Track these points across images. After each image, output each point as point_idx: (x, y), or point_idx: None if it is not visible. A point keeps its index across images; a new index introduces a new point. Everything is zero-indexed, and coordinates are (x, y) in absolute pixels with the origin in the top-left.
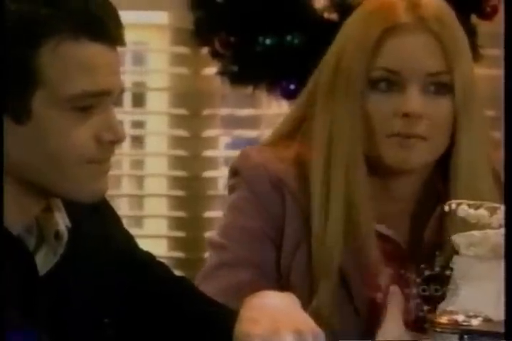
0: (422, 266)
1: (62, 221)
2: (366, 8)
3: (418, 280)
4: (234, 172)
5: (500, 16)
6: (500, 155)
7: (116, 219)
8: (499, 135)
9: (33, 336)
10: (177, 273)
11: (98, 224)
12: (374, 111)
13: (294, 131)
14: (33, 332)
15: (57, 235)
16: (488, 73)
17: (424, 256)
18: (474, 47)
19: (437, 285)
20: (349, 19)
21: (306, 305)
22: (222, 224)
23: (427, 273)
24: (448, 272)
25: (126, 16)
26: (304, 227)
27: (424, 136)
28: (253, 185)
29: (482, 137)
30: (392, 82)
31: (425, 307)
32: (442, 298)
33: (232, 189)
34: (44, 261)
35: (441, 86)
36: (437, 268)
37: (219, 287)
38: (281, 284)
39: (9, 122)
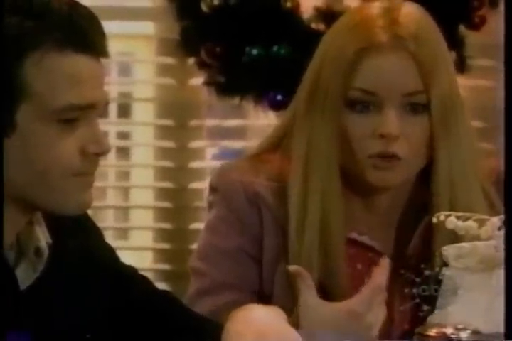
0: (422, 265)
1: (42, 236)
2: (344, 23)
3: (418, 280)
4: (211, 190)
5: (489, 27)
6: (494, 162)
7: (97, 233)
8: (488, 146)
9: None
10: (163, 286)
11: (79, 238)
12: (351, 131)
13: (279, 143)
14: (27, 334)
15: (38, 251)
16: (476, 84)
17: (411, 268)
18: (462, 58)
19: (437, 285)
20: (328, 33)
21: (292, 319)
22: (199, 246)
23: (427, 273)
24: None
25: (112, 26)
26: (282, 240)
27: (402, 157)
28: (229, 201)
29: (465, 152)
30: (368, 102)
31: (425, 308)
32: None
33: (210, 206)
34: (23, 276)
35: (418, 105)
36: (437, 268)
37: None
38: (265, 299)
39: None
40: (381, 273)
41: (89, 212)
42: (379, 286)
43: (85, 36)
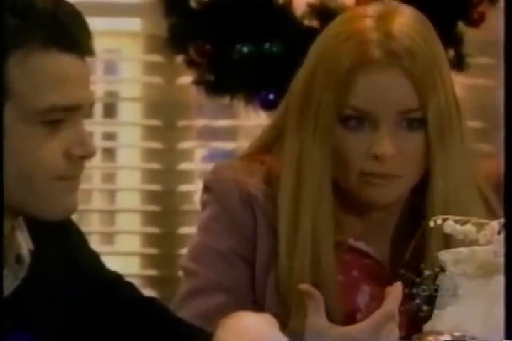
0: (422, 265)
1: (24, 242)
2: (336, 33)
3: (418, 280)
4: (205, 188)
5: (488, 23)
6: (493, 165)
7: (81, 239)
8: (487, 147)
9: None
10: (150, 292)
11: (62, 244)
12: (344, 148)
13: (272, 143)
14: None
15: (19, 258)
16: (475, 83)
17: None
18: (460, 56)
19: (437, 285)
20: (320, 41)
21: (283, 325)
22: (192, 246)
23: (426, 273)
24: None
25: (97, 23)
26: (276, 243)
27: (397, 175)
28: (223, 200)
29: (462, 161)
30: (363, 120)
31: (425, 308)
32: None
33: (203, 205)
34: (4, 284)
35: (414, 121)
36: (437, 269)
37: (191, 315)
38: (257, 304)
39: None
40: (393, 300)
41: (73, 216)
42: (391, 313)
43: (70, 35)
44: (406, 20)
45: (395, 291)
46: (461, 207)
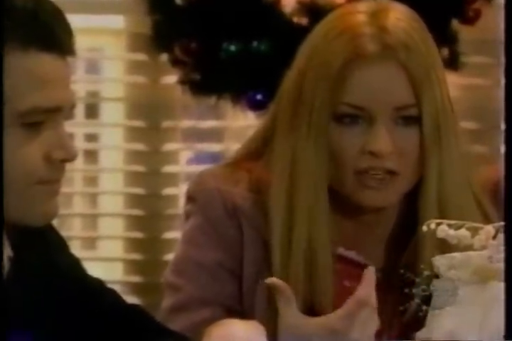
0: (422, 266)
1: (3, 250)
2: (328, 29)
3: (418, 280)
4: (188, 199)
5: (484, 21)
6: (489, 171)
7: (61, 244)
8: (482, 149)
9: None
10: (134, 299)
11: (42, 250)
12: (339, 146)
13: (260, 150)
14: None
15: None
16: (470, 82)
17: (402, 282)
18: (455, 55)
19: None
20: (311, 38)
21: (271, 334)
22: (175, 258)
23: (426, 273)
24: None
25: (78, 20)
26: (264, 253)
27: (394, 171)
28: (207, 211)
29: (457, 163)
30: (357, 117)
31: (424, 308)
32: None
33: (187, 216)
34: None
35: (410, 117)
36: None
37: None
38: (245, 316)
39: None
40: (366, 286)
41: (54, 220)
42: (363, 300)
43: (51, 34)
44: (400, 15)
45: (368, 276)
46: (455, 211)
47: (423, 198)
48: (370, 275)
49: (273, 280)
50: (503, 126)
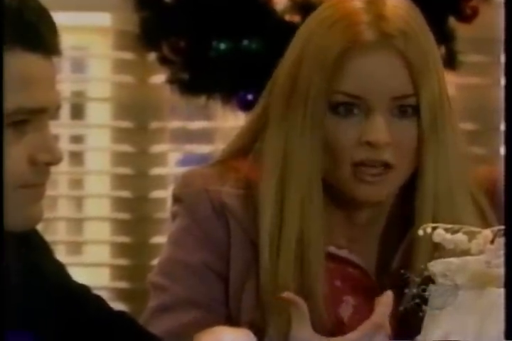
0: (422, 266)
1: None
2: (324, 17)
3: (417, 280)
4: (174, 199)
5: (482, 19)
6: (486, 171)
7: (45, 249)
8: (480, 151)
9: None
10: (120, 305)
11: (25, 255)
12: (334, 137)
13: (248, 146)
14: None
15: None
16: (467, 82)
17: (397, 285)
18: (452, 54)
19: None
20: (305, 28)
21: (260, 338)
22: (161, 260)
23: (426, 273)
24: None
25: (63, 18)
26: (252, 254)
27: (390, 164)
28: (194, 211)
29: (454, 159)
30: (354, 106)
31: (424, 307)
32: None
33: (173, 217)
34: None
35: (407, 108)
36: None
37: (160, 333)
38: (232, 318)
39: None
40: (383, 309)
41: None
42: (380, 323)
43: (36, 33)
44: (397, 3)
45: (386, 301)
46: (450, 209)
47: (419, 194)
48: (387, 299)
49: (289, 294)
50: (502, 127)
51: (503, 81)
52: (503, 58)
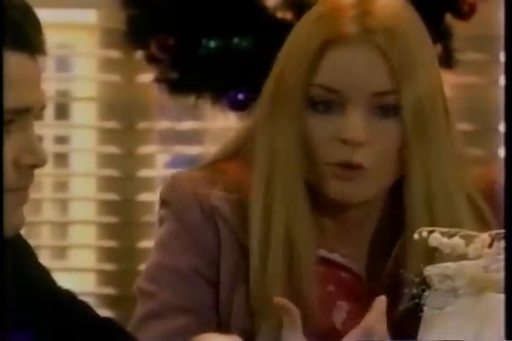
0: (422, 266)
1: None
2: (313, 12)
3: (417, 280)
4: (162, 203)
5: (479, 16)
6: (484, 172)
7: (29, 253)
8: (478, 152)
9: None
10: (107, 312)
11: (8, 260)
12: (312, 135)
13: (240, 149)
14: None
15: None
16: (465, 81)
17: (390, 289)
18: (449, 52)
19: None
20: (297, 25)
21: None
22: (148, 265)
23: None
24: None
25: (48, 15)
26: (242, 258)
27: (366, 167)
28: (182, 215)
29: (449, 161)
30: (331, 102)
31: (424, 308)
32: None
33: (161, 221)
34: None
35: (388, 107)
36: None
37: (148, 339)
38: (222, 324)
39: None
40: (374, 314)
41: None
42: (370, 328)
43: (20, 32)
44: (389, 1)
45: (379, 306)
46: (446, 212)
47: (407, 199)
48: (380, 304)
49: (281, 299)
50: (500, 128)
51: (501, 80)
52: (501, 56)
